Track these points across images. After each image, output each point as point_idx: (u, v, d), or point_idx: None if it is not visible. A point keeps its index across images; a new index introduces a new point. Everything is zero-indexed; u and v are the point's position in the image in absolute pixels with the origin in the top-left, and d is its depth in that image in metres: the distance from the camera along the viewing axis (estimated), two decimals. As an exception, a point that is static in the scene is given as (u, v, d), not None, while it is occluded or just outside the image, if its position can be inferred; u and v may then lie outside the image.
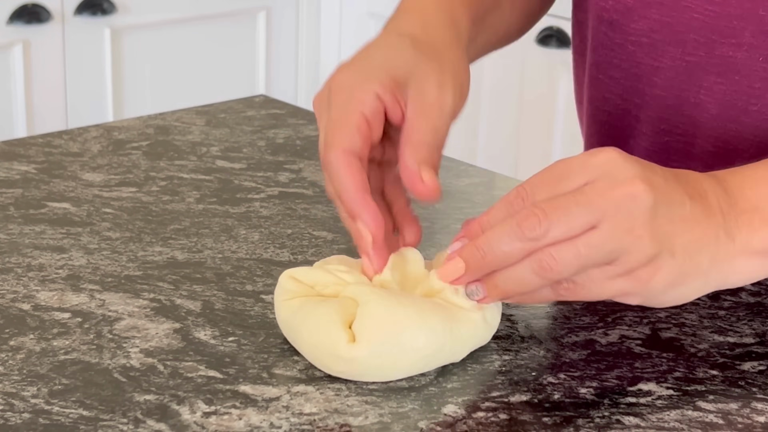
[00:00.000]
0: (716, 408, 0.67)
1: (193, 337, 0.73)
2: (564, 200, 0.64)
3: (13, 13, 2.25)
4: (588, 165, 0.65)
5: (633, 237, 0.64)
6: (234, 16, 2.54)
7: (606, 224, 0.64)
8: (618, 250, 0.64)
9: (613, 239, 0.64)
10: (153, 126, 1.13)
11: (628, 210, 0.64)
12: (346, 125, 0.72)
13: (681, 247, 0.66)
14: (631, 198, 0.64)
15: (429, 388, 0.68)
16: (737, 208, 0.68)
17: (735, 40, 0.84)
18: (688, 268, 0.66)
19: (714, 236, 0.67)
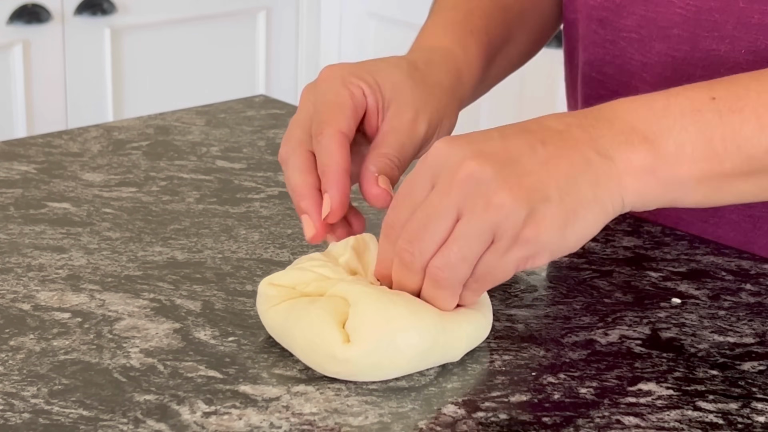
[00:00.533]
0: (716, 408, 0.67)
1: (193, 337, 0.73)
2: (419, 219, 0.65)
3: (13, 13, 2.25)
4: (424, 165, 0.66)
5: (495, 208, 0.64)
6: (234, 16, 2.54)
7: (465, 214, 0.64)
8: (490, 227, 0.64)
9: (478, 222, 0.64)
10: (153, 126, 1.13)
11: (474, 190, 0.64)
12: (342, 108, 0.76)
13: (554, 189, 0.65)
14: (470, 178, 0.64)
15: (429, 388, 0.68)
16: (613, 129, 0.68)
17: (717, 33, 0.85)
18: (571, 204, 0.65)
19: (584, 162, 0.66)
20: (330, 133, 0.74)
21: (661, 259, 0.86)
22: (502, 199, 0.64)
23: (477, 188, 0.64)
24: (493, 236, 0.65)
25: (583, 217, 0.66)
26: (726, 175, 0.69)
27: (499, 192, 0.64)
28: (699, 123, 0.68)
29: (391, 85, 0.78)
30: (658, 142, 0.67)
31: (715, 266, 0.86)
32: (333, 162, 0.74)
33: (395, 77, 0.79)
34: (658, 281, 0.83)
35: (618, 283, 0.82)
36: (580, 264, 0.85)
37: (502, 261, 0.66)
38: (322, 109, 0.76)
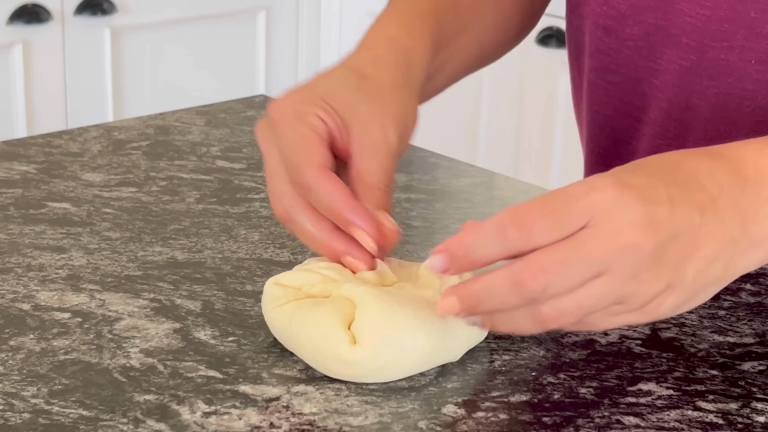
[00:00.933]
0: (716, 408, 0.67)
1: (193, 337, 0.73)
2: (564, 254, 0.61)
3: (13, 13, 2.25)
4: (588, 203, 0.62)
5: (637, 282, 0.62)
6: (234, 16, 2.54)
7: (608, 275, 0.61)
8: (622, 296, 0.62)
9: (616, 289, 0.62)
10: (153, 126, 1.13)
11: (631, 260, 0.61)
12: (309, 143, 0.72)
13: (691, 270, 0.63)
14: (634, 248, 0.61)
15: (429, 388, 0.68)
16: (759, 199, 0.65)
17: (727, 42, 0.84)
18: (699, 285, 0.64)
19: (728, 243, 0.64)
20: (312, 174, 0.71)
21: (661, 259, 0.86)
22: (648, 277, 0.62)
23: (630, 260, 0.61)
24: (620, 302, 0.63)
25: (702, 296, 0.65)
26: None
27: (650, 269, 0.62)
28: None
29: (345, 104, 0.74)
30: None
31: (715, 266, 0.85)
32: (335, 199, 0.71)
33: (346, 96, 0.75)
34: (658, 281, 0.83)
35: (618, 283, 0.82)
36: (580, 264, 0.85)
37: (610, 320, 0.64)
38: (291, 153, 0.72)
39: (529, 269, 0.61)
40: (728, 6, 0.83)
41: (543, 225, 0.62)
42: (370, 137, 0.74)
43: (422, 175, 1.04)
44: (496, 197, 1.03)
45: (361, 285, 0.70)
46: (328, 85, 0.76)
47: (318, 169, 0.71)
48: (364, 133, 0.74)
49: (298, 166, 0.72)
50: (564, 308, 0.62)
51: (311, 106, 0.74)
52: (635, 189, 0.62)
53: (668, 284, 0.62)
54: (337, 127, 0.74)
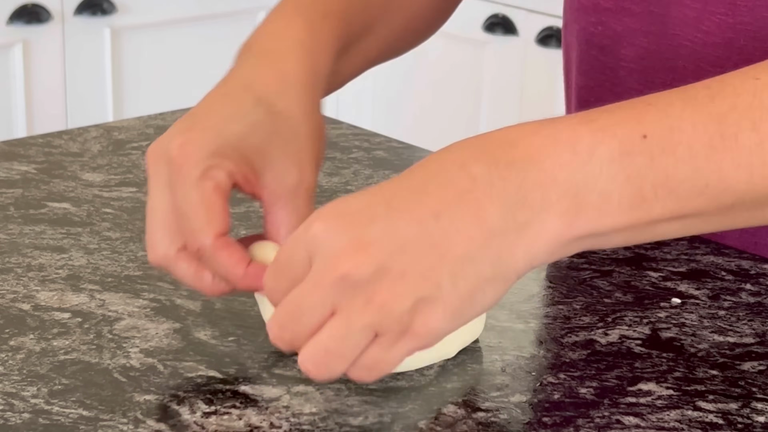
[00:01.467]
0: (716, 408, 0.67)
1: (193, 337, 0.73)
2: (290, 305, 0.60)
3: (13, 13, 2.25)
4: (302, 242, 0.59)
5: (376, 307, 0.57)
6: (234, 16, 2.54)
7: (340, 311, 0.58)
8: (368, 326, 0.58)
9: (355, 321, 0.58)
10: (153, 126, 1.13)
11: (352, 288, 0.57)
12: (210, 206, 0.67)
13: (446, 276, 0.58)
14: (347, 276, 0.57)
15: (429, 388, 0.68)
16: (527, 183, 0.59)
17: (720, 68, 0.84)
18: (466, 287, 0.58)
19: (488, 235, 0.58)
20: (210, 244, 0.67)
21: (661, 259, 0.86)
22: (382, 298, 0.57)
23: (353, 289, 0.57)
24: (375, 333, 0.58)
25: (480, 298, 0.59)
26: (653, 220, 0.61)
27: (380, 291, 0.57)
28: (628, 169, 0.59)
29: (258, 152, 0.69)
30: (581, 195, 0.59)
31: (715, 266, 0.86)
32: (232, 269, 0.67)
33: (260, 143, 0.69)
34: (658, 281, 0.83)
35: (618, 283, 0.82)
36: (580, 264, 0.85)
37: (388, 354, 0.59)
38: (190, 214, 0.67)
39: (271, 329, 0.61)
40: (719, 32, 0.84)
41: (282, 282, 0.61)
42: (286, 185, 0.70)
43: (422, 175, 1.04)
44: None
45: None
46: (238, 130, 0.69)
47: (215, 239, 0.67)
48: (280, 181, 0.70)
49: (194, 231, 0.67)
50: (315, 355, 0.59)
51: (221, 158, 0.68)
52: (345, 216, 0.59)
53: (418, 298, 0.58)
54: (245, 176, 0.69)
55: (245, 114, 0.70)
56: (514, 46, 2.32)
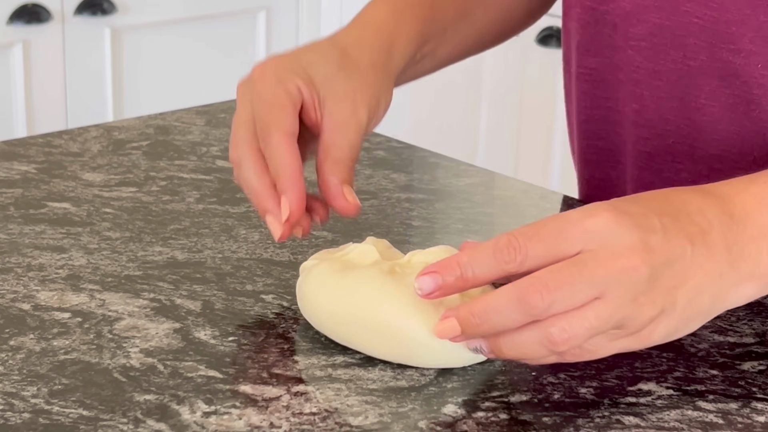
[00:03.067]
0: (716, 408, 0.67)
1: (193, 337, 0.73)
2: (567, 273, 0.62)
3: (13, 13, 2.25)
4: (584, 230, 0.63)
5: (635, 305, 0.63)
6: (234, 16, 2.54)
7: (608, 297, 0.63)
8: (622, 319, 0.63)
9: (616, 310, 0.63)
10: (153, 126, 1.13)
11: (630, 281, 0.63)
12: (282, 107, 0.77)
13: (682, 298, 0.65)
14: (632, 270, 0.63)
15: (429, 388, 0.68)
16: (745, 236, 0.67)
17: (734, 45, 0.84)
18: (689, 314, 0.65)
19: (717, 276, 0.66)
20: (277, 136, 0.76)
21: (661, 259, 0.86)
22: (645, 300, 0.63)
23: (629, 282, 0.63)
24: (620, 327, 0.64)
25: (690, 326, 0.67)
26: None
27: (647, 292, 0.63)
28: None
29: (323, 78, 0.79)
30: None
31: (715, 266, 0.85)
32: (286, 165, 0.75)
33: (326, 70, 0.79)
34: (658, 281, 0.83)
35: (618, 283, 0.82)
36: (580, 264, 0.85)
37: (609, 345, 0.65)
38: (263, 111, 0.77)
39: (533, 286, 0.62)
40: (736, 9, 0.83)
41: (538, 248, 0.63)
42: (341, 113, 0.78)
43: (422, 175, 1.04)
44: (496, 197, 1.03)
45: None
46: (310, 58, 0.80)
47: (283, 134, 0.76)
48: (337, 108, 0.78)
49: (267, 126, 0.76)
50: (574, 330, 0.62)
51: (292, 74, 0.78)
52: (629, 216, 0.64)
53: (662, 309, 0.64)
54: (312, 99, 0.78)
55: (320, 49, 0.82)
56: (514, 45, 2.32)
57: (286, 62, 0.80)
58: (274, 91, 0.78)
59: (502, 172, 1.10)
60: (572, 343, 0.63)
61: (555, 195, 1.01)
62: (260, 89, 0.78)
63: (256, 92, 0.78)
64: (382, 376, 0.69)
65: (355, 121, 0.79)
